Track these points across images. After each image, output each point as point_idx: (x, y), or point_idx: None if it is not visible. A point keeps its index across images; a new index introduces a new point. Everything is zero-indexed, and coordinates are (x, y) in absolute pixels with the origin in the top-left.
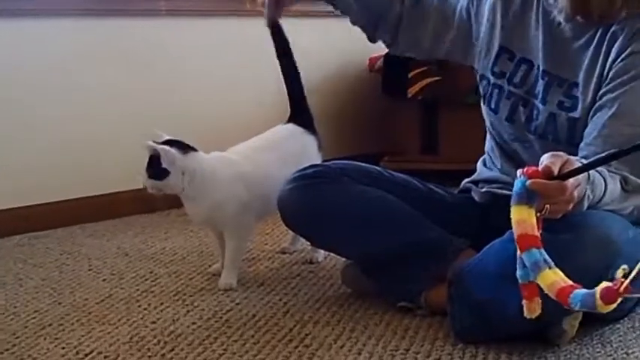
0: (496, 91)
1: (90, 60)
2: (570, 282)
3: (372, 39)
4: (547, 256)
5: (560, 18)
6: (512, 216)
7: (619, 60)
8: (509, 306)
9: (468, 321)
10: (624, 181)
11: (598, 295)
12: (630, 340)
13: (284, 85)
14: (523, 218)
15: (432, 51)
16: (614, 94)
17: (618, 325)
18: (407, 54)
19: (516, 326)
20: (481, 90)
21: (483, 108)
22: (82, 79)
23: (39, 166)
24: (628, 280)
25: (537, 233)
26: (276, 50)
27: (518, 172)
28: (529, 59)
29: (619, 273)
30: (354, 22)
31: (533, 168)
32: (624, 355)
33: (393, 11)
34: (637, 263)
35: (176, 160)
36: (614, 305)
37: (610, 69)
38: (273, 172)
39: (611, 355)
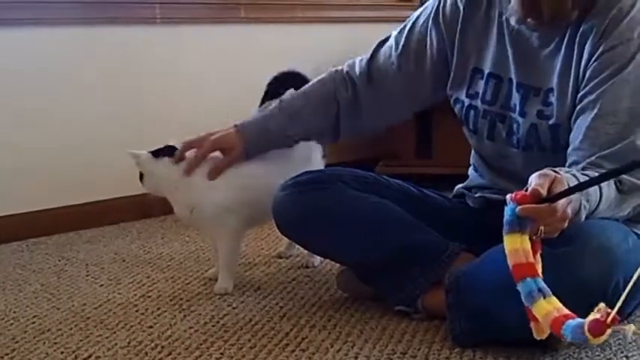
0: (472, 112)
1: (86, 68)
2: (565, 311)
3: (339, 140)
4: (542, 284)
5: (513, 21)
6: (505, 245)
7: (593, 60)
8: (507, 314)
9: (466, 326)
10: (619, 182)
11: (586, 328)
12: (630, 343)
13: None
14: (516, 247)
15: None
16: (593, 96)
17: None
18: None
19: (515, 332)
20: (457, 112)
21: (464, 129)
22: (77, 87)
23: (36, 173)
24: (614, 311)
25: (532, 259)
26: None
27: (507, 197)
28: (497, 74)
29: (598, 309)
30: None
31: (522, 193)
32: (624, 359)
33: (343, 109)
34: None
35: (144, 163)
36: (605, 337)
37: (585, 70)
38: (272, 179)
39: (610, 359)
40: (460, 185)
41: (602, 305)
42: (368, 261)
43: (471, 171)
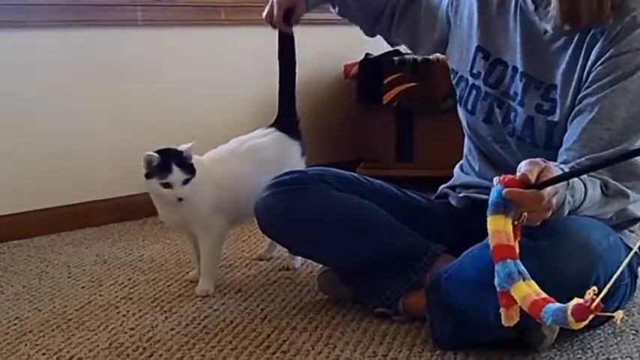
0: (474, 92)
1: (67, 70)
2: (544, 295)
3: (370, 35)
4: (522, 267)
5: (548, 27)
6: (488, 226)
7: (599, 63)
8: (487, 313)
9: (446, 327)
10: (604, 185)
11: (569, 312)
12: (611, 345)
13: (277, 87)
14: (498, 229)
15: (421, 48)
16: (593, 98)
17: (599, 331)
18: (400, 45)
19: (496, 333)
20: (458, 92)
21: (459, 110)
22: (58, 90)
23: (18, 176)
24: (599, 298)
25: (513, 243)
26: (280, 55)
27: (495, 180)
28: (504, 60)
29: (589, 292)
30: (352, 21)
31: (510, 176)
32: None
33: (388, 9)
34: (614, 273)
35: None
36: (586, 322)
37: (589, 72)
38: (246, 177)
39: None
40: (444, 185)
41: (593, 289)
42: (349, 262)
43: (456, 169)
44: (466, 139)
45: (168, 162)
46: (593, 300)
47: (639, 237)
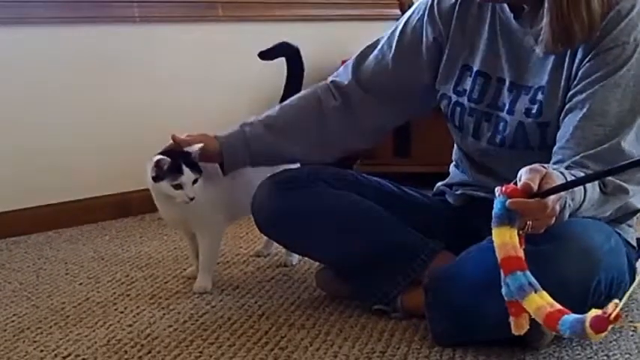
0: (458, 109)
1: (64, 67)
2: (558, 306)
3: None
4: (532, 279)
5: (538, 49)
6: (494, 239)
7: (586, 60)
8: (487, 313)
9: (445, 326)
10: (602, 183)
11: (588, 324)
12: (611, 342)
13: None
14: (505, 241)
15: (411, 95)
16: (583, 95)
17: None
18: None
19: (495, 332)
20: (442, 107)
21: (449, 125)
22: (55, 86)
23: (15, 173)
24: (618, 308)
25: (521, 253)
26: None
27: (497, 190)
28: (485, 72)
29: (611, 306)
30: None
31: (512, 186)
32: (604, 358)
33: (338, 102)
34: (618, 277)
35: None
36: (605, 334)
37: (578, 69)
38: (241, 174)
39: (591, 358)
40: (441, 182)
41: (615, 302)
42: (346, 259)
43: (452, 167)
44: (455, 148)
45: (179, 163)
46: (612, 311)
47: (637, 232)
